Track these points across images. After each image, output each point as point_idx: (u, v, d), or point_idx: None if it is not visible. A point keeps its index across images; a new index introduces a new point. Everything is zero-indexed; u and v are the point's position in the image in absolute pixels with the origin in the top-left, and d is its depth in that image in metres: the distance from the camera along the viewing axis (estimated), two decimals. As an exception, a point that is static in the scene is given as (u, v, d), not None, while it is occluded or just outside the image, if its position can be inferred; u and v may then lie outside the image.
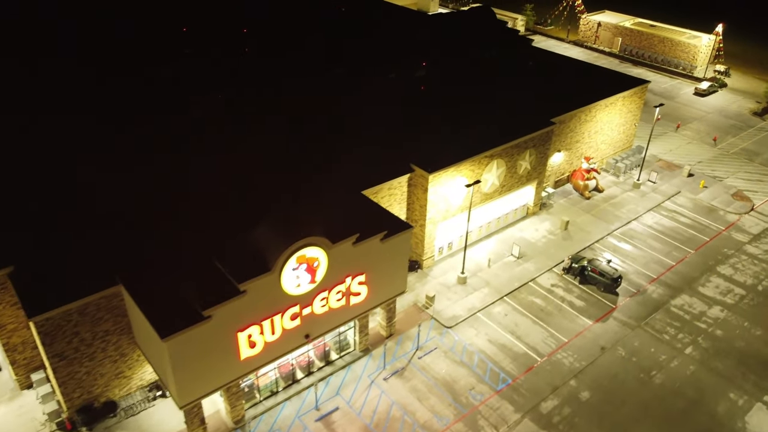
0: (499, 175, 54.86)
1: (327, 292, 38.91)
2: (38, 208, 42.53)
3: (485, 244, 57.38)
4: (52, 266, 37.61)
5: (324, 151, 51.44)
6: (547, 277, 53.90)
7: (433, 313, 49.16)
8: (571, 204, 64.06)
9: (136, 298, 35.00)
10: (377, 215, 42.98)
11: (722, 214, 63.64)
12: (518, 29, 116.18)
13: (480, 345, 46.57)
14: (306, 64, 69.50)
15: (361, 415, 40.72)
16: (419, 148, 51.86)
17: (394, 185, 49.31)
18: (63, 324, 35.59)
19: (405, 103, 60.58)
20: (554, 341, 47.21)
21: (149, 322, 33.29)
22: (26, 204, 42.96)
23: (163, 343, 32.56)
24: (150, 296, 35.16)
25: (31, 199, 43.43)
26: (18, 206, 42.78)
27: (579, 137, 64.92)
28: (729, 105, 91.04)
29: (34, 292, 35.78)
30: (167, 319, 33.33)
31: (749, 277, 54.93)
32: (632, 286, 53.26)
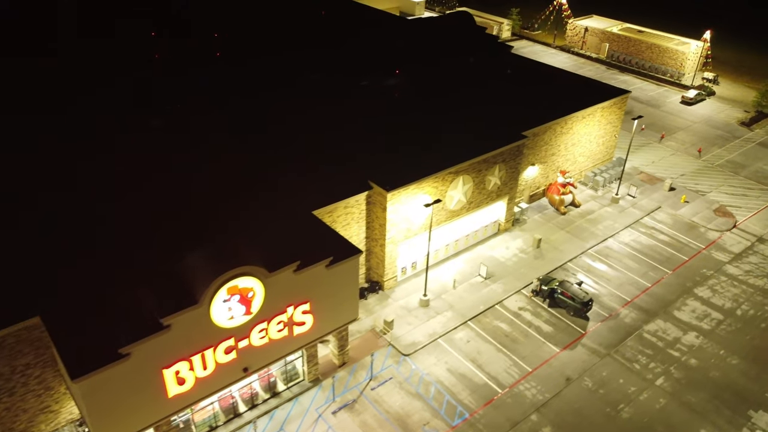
0: (465, 191, 52.21)
1: (266, 323, 36.25)
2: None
3: (453, 263, 54.72)
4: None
5: (277, 167, 48.73)
6: (515, 299, 51.25)
7: (391, 339, 46.50)
8: (546, 220, 61.40)
9: (53, 333, 32.34)
10: (326, 238, 40.34)
11: (703, 232, 61.02)
12: (502, 34, 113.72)
13: (438, 375, 43.90)
14: (274, 71, 66.81)
15: (305, 454, 38.17)
16: (380, 163, 49.24)
17: (351, 204, 46.65)
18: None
19: (372, 114, 57.91)
20: (518, 371, 44.56)
21: (61, 360, 30.65)
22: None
23: (74, 384, 29.93)
24: (69, 330, 32.52)
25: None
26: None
27: (555, 150, 62.27)
28: (716, 114, 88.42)
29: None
30: (82, 357, 30.68)
31: (728, 300, 52.29)
32: (605, 309, 50.64)
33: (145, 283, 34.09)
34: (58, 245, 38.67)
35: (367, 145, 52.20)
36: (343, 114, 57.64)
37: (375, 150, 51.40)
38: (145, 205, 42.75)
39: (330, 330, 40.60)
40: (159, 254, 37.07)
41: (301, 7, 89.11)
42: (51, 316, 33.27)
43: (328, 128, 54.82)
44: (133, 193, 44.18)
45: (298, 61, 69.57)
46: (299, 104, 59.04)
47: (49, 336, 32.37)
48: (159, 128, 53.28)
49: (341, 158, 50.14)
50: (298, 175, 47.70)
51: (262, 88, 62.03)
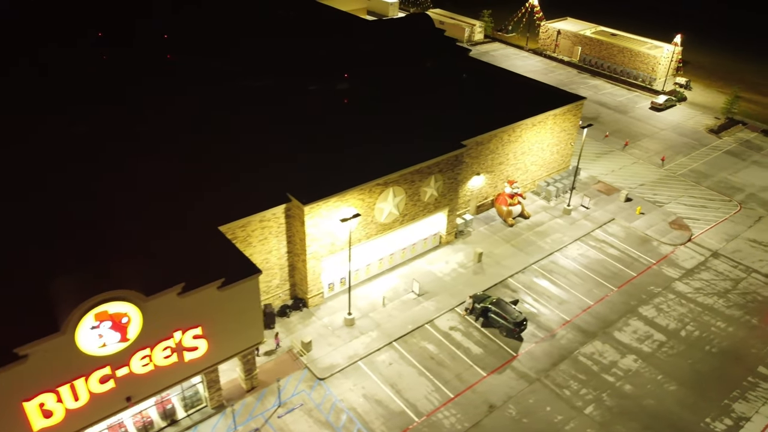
0: (397, 203, 49.54)
1: (149, 349, 33.62)
2: None
3: (387, 278, 52.03)
4: None
5: (189, 177, 46.01)
6: (448, 318, 48.59)
7: (308, 361, 43.84)
8: (492, 232, 58.73)
9: None
10: (227, 257, 37.72)
11: (656, 246, 58.33)
12: (475, 37, 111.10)
13: (353, 401, 41.23)
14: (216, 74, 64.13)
15: (195, 489, 35.52)
16: (305, 174, 46.62)
17: (268, 217, 43.96)
18: None
19: (307, 121, 55.27)
20: (439, 397, 41.89)
21: None
22: None
23: None
24: None
25: None
26: None
27: (503, 159, 59.59)
28: (686, 121, 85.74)
29: None
30: (-76, 391, 28.08)
31: (673, 320, 49.63)
32: (541, 330, 47.97)
33: (6, 306, 31.44)
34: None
35: (294, 154, 49.54)
36: (277, 121, 55.00)
37: (301, 159, 48.77)
38: (33, 215, 40.15)
39: (230, 355, 37.93)
40: (33, 274, 34.35)
41: (258, 8, 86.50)
42: None
43: (256, 135, 52.14)
44: (26, 200, 41.63)
45: (244, 63, 66.92)
46: (229, 110, 56.37)
47: None
48: (73, 133, 50.62)
49: (263, 168, 47.49)
50: (211, 186, 45.04)
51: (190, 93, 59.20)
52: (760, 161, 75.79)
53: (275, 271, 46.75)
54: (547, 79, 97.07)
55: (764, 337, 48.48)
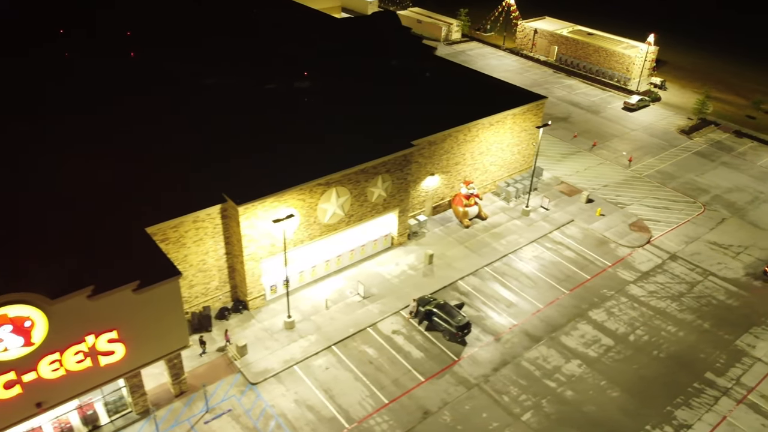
0: (342, 204, 48.51)
1: (59, 354, 32.63)
2: None
3: (333, 280, 51.01)
4: None
5: (122, 177, 44.92)
6: (392, 321, 47.57)
7: (242, 365, 42.82)
8: (447, 233, 57.71)
9: None
10: (148, 258, 36.72)
11: (613, 248, 57.30)
12: (452, 35, 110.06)
13: (283, 407, 40.20)
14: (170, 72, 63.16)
15: (109, 498, 34.51)
16: (245, 174, 45.61)
17: (202, 218, 42.90)
18: None
19: (256, 120, 54.23)
20: (373, 402, 40.86)
21: None
22: None
23: None
24: None
25: None
26: None
27: (459, 159, 58.55)
28: (658, 121, 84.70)
29: None
30: None
31: (623, 324, 48.60)
32: (487, 333, 46.94)
33: None
34: None
35: (237, 153, 48.51)
36: (224, 120, 53.98)
37: (243, 159, 47.75)
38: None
39: (151, 360, 36.90)
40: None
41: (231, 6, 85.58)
42: None
43: (198, 135, 51.19)
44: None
45: (203, 61, 65.96)
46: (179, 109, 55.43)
47: None
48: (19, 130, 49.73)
49: (203, 167, 46.49)
50: (145, 186, 44.02)
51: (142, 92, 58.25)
52: (729, 162, 74.74)
53: (213, 273, 45.73)
54: (522, 78, 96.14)
55: (715, 342, 47.47)
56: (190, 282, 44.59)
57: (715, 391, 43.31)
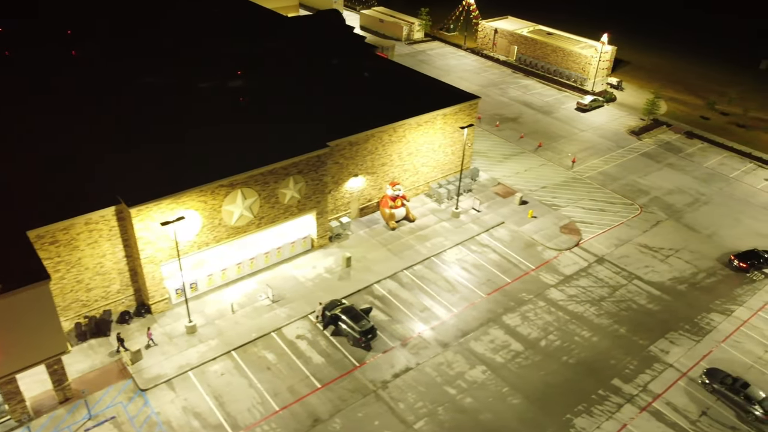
0: (250, 206, 47.58)
1: None
2: None
3: (245, 284, 50.06)
4: None
5: (11, 176, 44.08)
6: (298, 326, 46.64)
7: (135, 371, 41.93)
8: (372, 236, 56.79)
9: None
10: (21, 262, 35.84)
11: (540, 251, 56.36)
12: (414, 35, 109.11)
13: (170, 414, 39.30)
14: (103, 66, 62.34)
15: (-29, 508, 33.65)
16: (147, 174, 44.74)
17: (95, 219, 41.98)
18: None
19: (171, 120, 53.37)
20: (263, 410, 39.94)
21: None
22: None
23: None
24: None
25: None
26: None
27: (385, 160, 57.64)
28: (609, 122, 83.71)
29: None
30: None
31: (536, 329, 47.68)
32: (394, 339, 46.02)
33: None
34: None
35: (138, 154, 47.63)
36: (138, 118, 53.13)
37: (148, 160, 46.87)
38: None
39: (25, 365, 36.03)
40: None
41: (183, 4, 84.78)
42: None
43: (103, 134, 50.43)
44: None
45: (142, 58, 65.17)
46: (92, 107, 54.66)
47: None
48: None
49: (103, 167, 45.65)
50: (38, 186, 43.19)
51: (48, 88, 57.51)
52: (675, 164, 73.77)
53: (113, 276, 44.82)
54: (479, 78, 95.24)
55: (627, 348, 46.54)
56: (87, 285, 43.70)
57: (619, 398, 42.38)
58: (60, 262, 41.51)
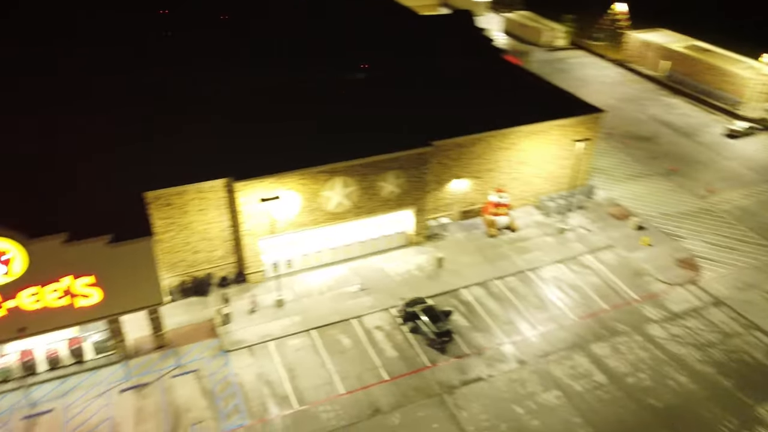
0: (348, 194, 49.09)
1: (38, 288, 36.78)
2: None
3: (337, 268, 51.77)
4: None
5: (140, 143, 49.01)
6: (379, 317, 47.43)
7: (223, 332, 45.15)
8: (469, 240, 56.06)
9: None
10: (134, 219, 40.08)
11: (648, 281, 52.26)
12: (556, 42, 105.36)
13: (245, 377, 41.92)
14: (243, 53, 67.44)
15: (68, 425, 38.20)
16: (258, 153, 47.82)
17: (205, 189, 45.62)
18: None
19: (292, 104, 56.31)
20: (329, 390, 41.26)
21: None
22: None
23: None
24: None
25: None
26: None
27: (493, 165, 56.54)
28: (761, 152, 75.10)
29: None
30: None
31: (626, 363, 44.38)
32: (471, 347, 45.23)
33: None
34: None
35: (258, 134, 50.84)
36: (258, 102, 56.65)
37: (263, 139, 49.96)
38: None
39: (126, 310, 40.25)
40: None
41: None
42: None
43: (233, 110, 54.39)
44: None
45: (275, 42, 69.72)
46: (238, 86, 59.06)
47: None
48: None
49: (225, 142, 49.40)
50: (160, 153, 47.70)
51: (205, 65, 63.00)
52: (834, 208, 64.63)
53: (217, 243, 48.44)
54: (617, 91, 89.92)
55: (729, 403, 41.77)
56: (194, 248, 47.71)
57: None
58: (172, 224, 45.71)
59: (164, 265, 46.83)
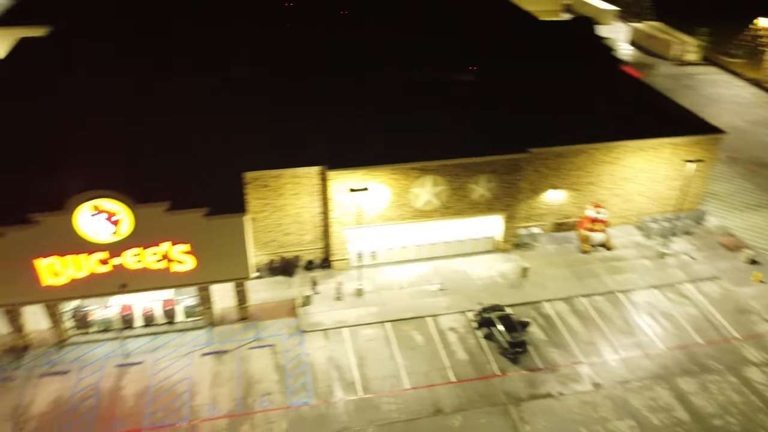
0: (437, 193, 49.19)
1: (139, 249, 40.27)
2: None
3: (419, 265, 52.05)
4: None
5: (245, 125, 51.69)
6: (455, 318, 47.20)
7: (302, 313, 46.96)
8: (559, 253, 54.20)
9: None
10: (231, 195, 42.67)
11: (753, 320, 47.88)
12: (687, 56, 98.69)
13: (316, 358, 43.40)
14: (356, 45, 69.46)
15: (153, 377, 41.56)
16: (355, 144, 49.20)
17: (300, 174, 47.58)
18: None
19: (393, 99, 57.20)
20: (395, 383, 41.72)
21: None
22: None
23: (-43, 244, 37.84)
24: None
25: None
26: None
27: (593, 179, 54.21)
28: None
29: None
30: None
31: (714, 404, 41.02)
32: (546, 361, 43.87)
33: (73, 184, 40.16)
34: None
35: (357, 126, 52.19)
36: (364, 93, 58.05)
37: (361, 132, 51.25)
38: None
39: (215, 280, 43.00)
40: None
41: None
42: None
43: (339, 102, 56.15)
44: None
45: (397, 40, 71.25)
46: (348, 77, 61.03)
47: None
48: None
49: (324, 131, 51.22)
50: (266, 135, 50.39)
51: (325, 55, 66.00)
52: None
53: (307, 228, 50.38)
54: (750, 113, 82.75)
55: (831, 465, 37.57)
56: (285, 230, 49.99)
57: None
58: (267, 204, 48.17)
59: (256, 243, 49.53)
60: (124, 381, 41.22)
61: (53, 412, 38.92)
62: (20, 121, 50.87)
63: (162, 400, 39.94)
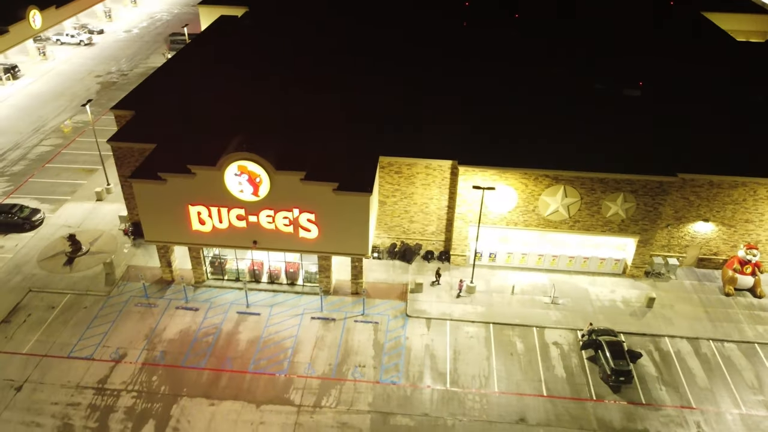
0: (567, 205, 47.68)
1: (273, 211, 44.45)
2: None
3: (538, 275, 50.95)
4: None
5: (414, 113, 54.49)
6: (561, 334, 45.72)
7: (411, 299, 48.48)
8: (696, 290, 49.77)
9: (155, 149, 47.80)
10: (363, 176, 45.23)
11: None
12: None
13: (414, 344, 44.71)
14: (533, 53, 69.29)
15: (265, 330, 45.75)
16: (493, 143, 49.60)
17: (433, 166, 48.84)
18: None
19: (543, 104, 56.22)
20: (482, 383, 41.72)
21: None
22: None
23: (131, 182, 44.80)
24: (163, 152, 47.27)
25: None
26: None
27: (753, 217, 48.86)
28: None
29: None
30: (145, 170, 45.07)
31: None
32: (650, 397, 40.94)
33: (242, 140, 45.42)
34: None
35: (506, 129, 52.27)
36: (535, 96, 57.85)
37: (500, 132, 51.32)
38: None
39: (336, 251, 45.96)
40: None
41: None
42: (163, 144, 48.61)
43: (489, 103, 56.59)
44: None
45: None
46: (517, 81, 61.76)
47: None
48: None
49: (475, 128, 52.16)
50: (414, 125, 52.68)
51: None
52: None
53: (432, 219, 51.66)
54: None
55: None
56: (411, 217, 51.77)
57: None
58: (397, 190, 50.26)
59: (382, 226, 51.96)
60: (241, 327, 45.93)
61: (179, 340, 44.69)
62: (200, 89, 58.42)
63: (268, 351, 43.95)
